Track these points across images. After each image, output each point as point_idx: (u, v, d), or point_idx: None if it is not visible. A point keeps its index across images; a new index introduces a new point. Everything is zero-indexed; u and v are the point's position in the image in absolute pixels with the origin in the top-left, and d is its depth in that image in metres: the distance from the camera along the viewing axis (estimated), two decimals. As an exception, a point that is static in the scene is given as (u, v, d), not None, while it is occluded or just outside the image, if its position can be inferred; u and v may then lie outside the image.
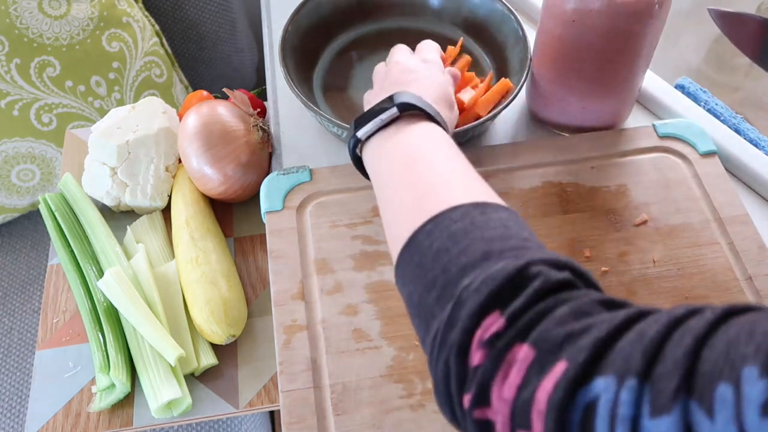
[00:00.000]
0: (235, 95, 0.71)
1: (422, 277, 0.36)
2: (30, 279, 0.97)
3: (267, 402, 0.61)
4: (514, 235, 0.36)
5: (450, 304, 0.33)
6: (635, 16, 0.54)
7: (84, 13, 0.96)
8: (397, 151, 0.45)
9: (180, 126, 0.68)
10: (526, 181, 0.61)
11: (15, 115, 0.92)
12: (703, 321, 0.27)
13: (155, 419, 0.59)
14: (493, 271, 0.32)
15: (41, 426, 0.60)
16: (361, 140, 0.48)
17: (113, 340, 0.61)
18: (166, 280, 0.66)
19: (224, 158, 0.65)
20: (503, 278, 0.32)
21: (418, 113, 0.47)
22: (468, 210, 0.37)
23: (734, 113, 0.67)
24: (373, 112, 0.47)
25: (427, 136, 0.45)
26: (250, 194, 0.69)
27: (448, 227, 0.37)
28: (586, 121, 0.64)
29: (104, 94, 0.99)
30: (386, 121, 0.47)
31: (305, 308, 0.53)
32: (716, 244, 0.57)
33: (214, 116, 0.66)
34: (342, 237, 0.57)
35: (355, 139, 0.48)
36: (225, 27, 1.19)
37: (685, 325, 0.27)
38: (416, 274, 0.37)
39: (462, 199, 0.38)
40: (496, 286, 0.31)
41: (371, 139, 0.48)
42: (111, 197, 0.71)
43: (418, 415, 0.48)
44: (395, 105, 0.46)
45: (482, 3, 0.71)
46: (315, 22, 0.71)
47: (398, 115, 0.47)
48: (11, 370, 0.88)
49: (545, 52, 0.61)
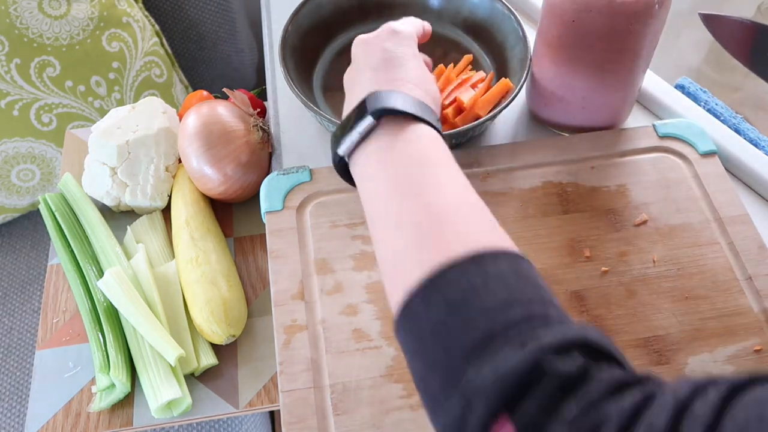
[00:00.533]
0: (235, 95, 0.71)
1: (422, 354, 0.34)
2: (30, 279, 0.97)
3: (267, 402, 0.61)
4: (517, 299, 0.33)
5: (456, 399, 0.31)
6: (635, 16, 0.54)
7: (84, 13, 0.96)
8: (383, 173, 0.41)
9: (180, 126, 0.68)
10: (526, 181, 0.61)
11: (15, 115, 0.92)
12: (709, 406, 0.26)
13: (155, 419, 0.59)
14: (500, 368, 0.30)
15: (41, 426, 0.60)
16: (343, 157, 0.45)
17: (113, 340, 0.61)
18: (166, 280, 0.66)
19: (224, 158, 0.65)
20: (512, 379, 0.30)
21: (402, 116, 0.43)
22: (466, 267, 0.34)
23: (734, 113, 0.67)
24: (349, 121, 0.43)
25: (416, 153, 0.41)
26: (250, 194, 0.69)
27: (445, 295, 0.34)
28: (586, 121, 0.64)
29: (104, 94, 0.99)
30: (364, 134, 0.43)
31: (305, 308, 0.53)
32: (716, 244, 0.57)
33: (214, 116, 0.67)
34: (342, 237, 0.57)
35: (338, 156, 0.45)
36: (225, 27, 1.19)
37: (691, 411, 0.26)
38: (416, 349, 0.35)
39: (459, 247, 0.35)
40: (505, 387, 0.30)
41: (357, 152, 0.44)
42: (111, 197, 0.71)
43: (418, 415, 0.48)
44: (370, 113, 0.42)
45: (482, 3, 0.71)
46: (315, 22, 0.71)
47: (376, 124, 0.43)
48: (11, 369, 0.88)
49: (545, 52, 0.61)
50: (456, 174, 0.41)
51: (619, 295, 0.54)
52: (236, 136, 0.66)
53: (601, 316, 0.53)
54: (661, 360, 0.50)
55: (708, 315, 0.53)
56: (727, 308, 0.53)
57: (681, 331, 0.52)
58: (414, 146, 0.42)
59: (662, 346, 0.51)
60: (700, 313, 0.53)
